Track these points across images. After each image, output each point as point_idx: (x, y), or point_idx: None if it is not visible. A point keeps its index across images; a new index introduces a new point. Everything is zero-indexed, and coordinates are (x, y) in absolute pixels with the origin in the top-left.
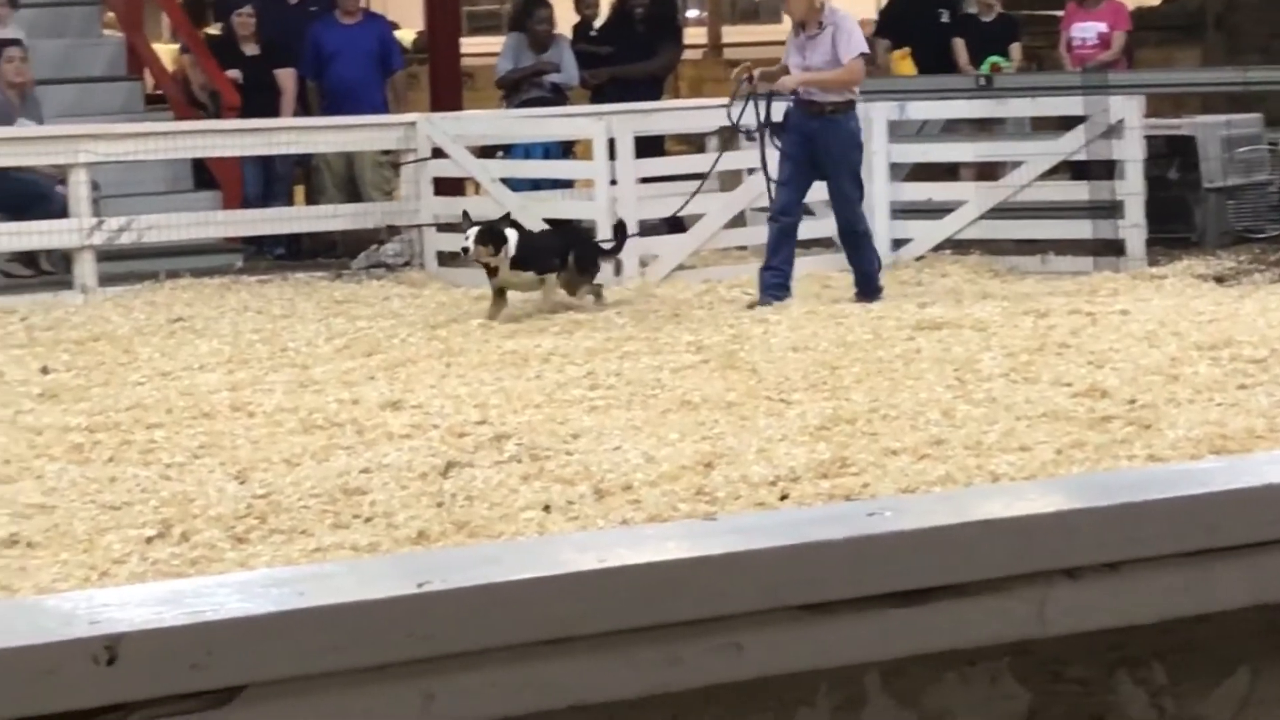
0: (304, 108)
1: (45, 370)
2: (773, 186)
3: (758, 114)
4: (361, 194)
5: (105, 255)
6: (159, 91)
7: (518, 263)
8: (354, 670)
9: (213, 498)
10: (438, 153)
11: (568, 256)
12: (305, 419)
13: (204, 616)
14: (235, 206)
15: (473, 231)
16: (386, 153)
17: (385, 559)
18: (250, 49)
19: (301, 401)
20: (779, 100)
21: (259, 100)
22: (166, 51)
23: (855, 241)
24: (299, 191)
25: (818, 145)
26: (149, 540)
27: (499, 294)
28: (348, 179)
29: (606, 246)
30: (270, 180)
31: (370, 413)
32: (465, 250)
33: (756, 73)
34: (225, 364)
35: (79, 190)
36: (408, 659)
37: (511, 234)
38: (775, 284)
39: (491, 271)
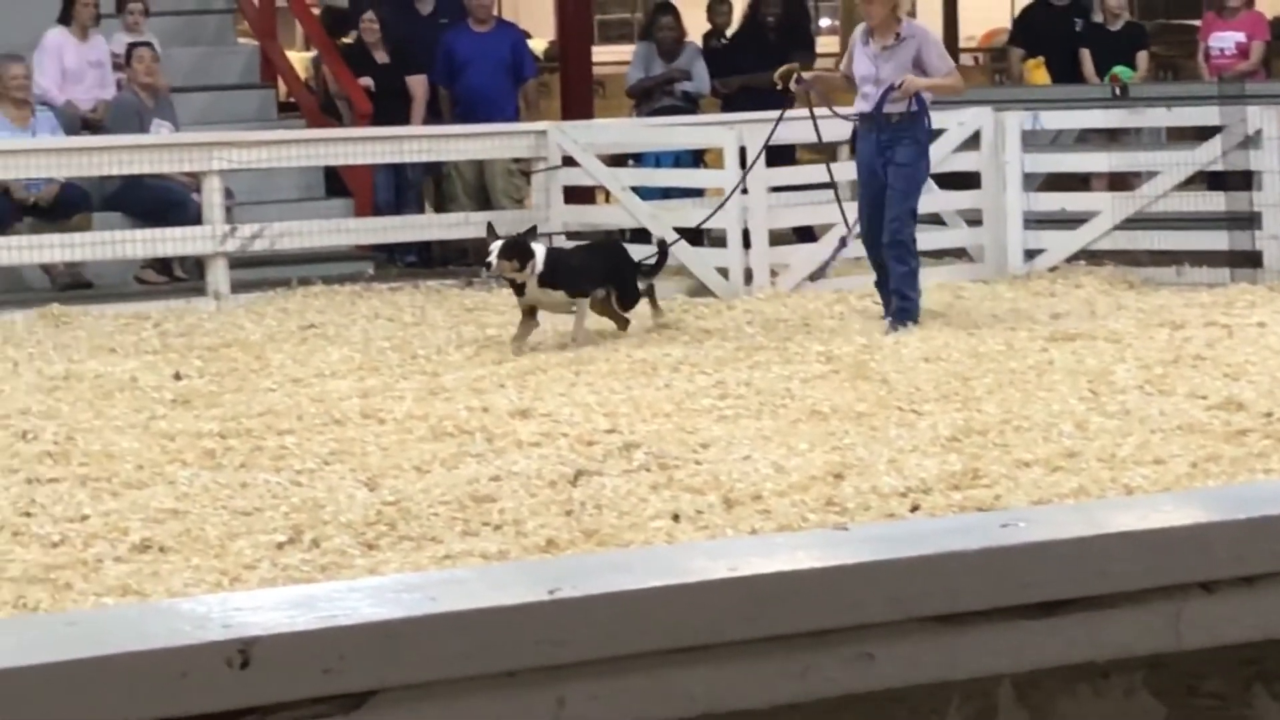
0: (435, 116)
1: (178, 376)
2: (845, 207)
3: (815, 122)
4: (492, 202)
5: (238, 262)
6: (292, 99)
7: (546, 280)
8: (485, 676)
9: (343, 504)
10: (568, 161)
11: (606, 277)
12: (435, 426)
13: (336, 621)
14: (367, 214)
15: (496, 245)
16: (517, 161)
17: (517, 565)
18: (382, 57)
19: (432, 409)
20: (844, 117)
21: (390, 108)
22: (299, 59)
23: (898, 252)
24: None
25: (887, 156)
26: (280, 546)
27: (528, 314)
28: (479, 187)
29: (648, 264)
30: (401, 188)
31: (500, 420)
32: (488, 265)
33: (808, 75)
34: (356, 371)
35: (213, 197)
36: (539, 665)
37: (539, 249)
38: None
39: (518, 289)
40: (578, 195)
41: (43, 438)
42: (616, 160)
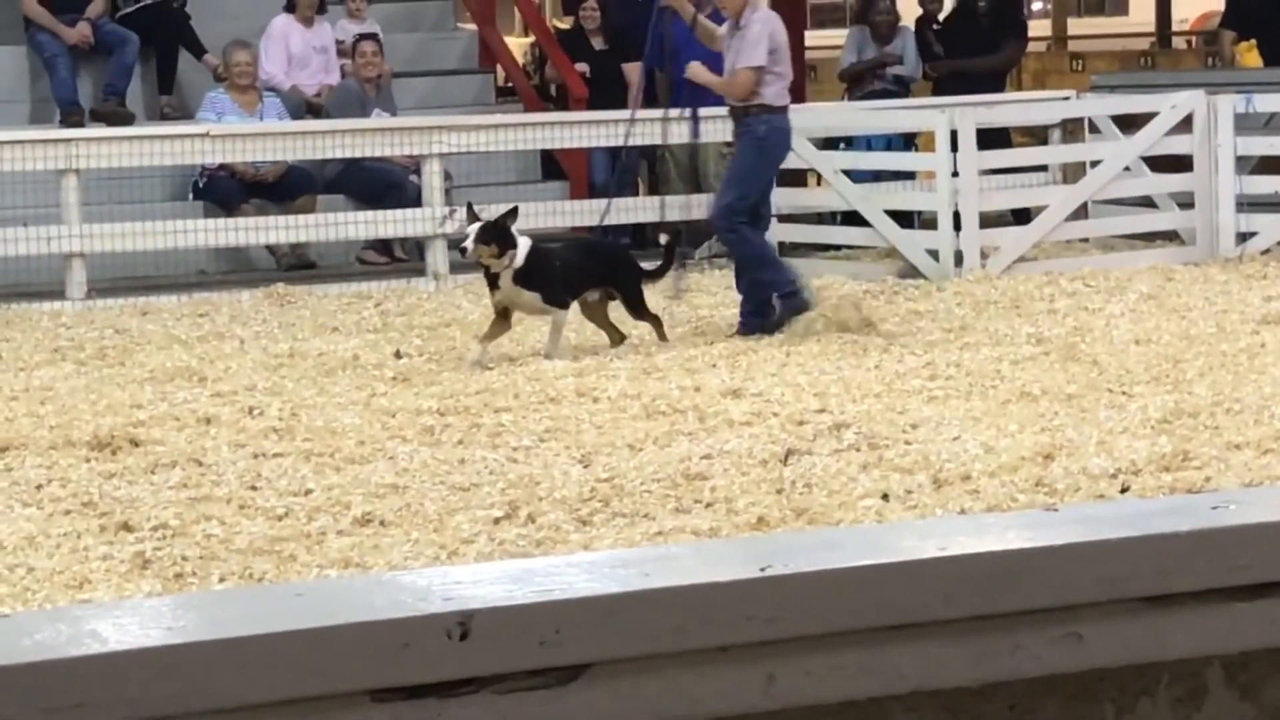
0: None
1: (398, 354)
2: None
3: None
4: (705, 185)
5: (457, 243)
6: (509, 84)
7: (521, 278)
8: (697, 651)
9: (558, 480)
10: None
11: (599, 281)
12: (648, 405)
13: (553, 595)
14: (582, 197)
15: (474, 228)
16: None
17: (728, 542)
18: (599, 43)
19: (645, 388)
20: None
21: (606, 93)
22: (517, 45)
23: (728, 248)
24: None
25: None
26: (496, 521)
27: (501, 314)
28: (691, 169)
29: (651, 268)
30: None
31: (711, 400)
32: (463, 251)
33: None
34: (570, 350)
35: (433, 180)
36: (750, 641)
37: (524, 241)
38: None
39: (492, 281)
40: (790, 178)
41: (268, 414)
42: (828, 143)
